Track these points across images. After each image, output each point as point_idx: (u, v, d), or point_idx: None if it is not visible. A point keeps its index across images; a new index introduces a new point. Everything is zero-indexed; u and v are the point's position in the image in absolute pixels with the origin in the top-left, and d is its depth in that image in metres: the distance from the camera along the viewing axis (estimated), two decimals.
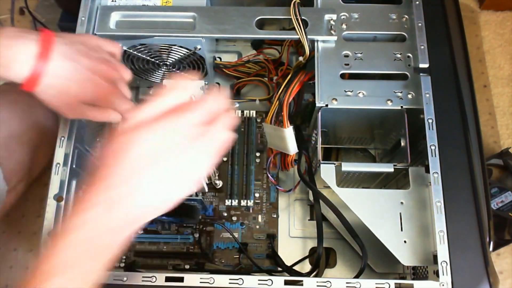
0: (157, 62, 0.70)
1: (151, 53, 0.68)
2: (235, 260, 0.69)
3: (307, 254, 0.70)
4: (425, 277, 0.59)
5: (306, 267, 0.69)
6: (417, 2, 0.64)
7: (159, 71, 0.74)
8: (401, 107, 0.60)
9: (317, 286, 0.52)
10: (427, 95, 0.59)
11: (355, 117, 0.63)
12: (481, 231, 0.53)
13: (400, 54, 0.63)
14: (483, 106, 0.91)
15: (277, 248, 0.70)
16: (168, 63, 0.70)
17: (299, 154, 0.66)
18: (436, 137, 0.57)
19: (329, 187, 0.58)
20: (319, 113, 0.60)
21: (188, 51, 0.67)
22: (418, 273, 0.64)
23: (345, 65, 0.62)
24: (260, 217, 0.71)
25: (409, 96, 0.60)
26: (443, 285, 0.51)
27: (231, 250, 0.70)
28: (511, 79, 0.93)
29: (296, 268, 0.66)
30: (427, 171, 0.56)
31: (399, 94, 0.61)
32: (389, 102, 0.60)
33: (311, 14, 0.64)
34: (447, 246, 0.52)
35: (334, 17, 0.64)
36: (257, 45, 0.82)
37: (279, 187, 0.71)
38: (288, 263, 0.67)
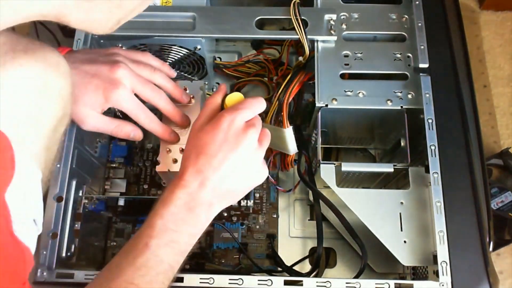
0: None
1: (151, 53, 0.68)
2: (235, 260, 0.69)
3: (307, 254, 0.70)
4: (425, 277, 0.59)
5: (306, 267, 0.69)
6: (417, 2, 0.64)
7: None
8: (401, 107, 0.60)
9: (317, 286, 0.52)
10: (427, 95, 0.59)
11: (355, 117, 0.63)
12: (481, 231, 0.53)
13: (400, 54, 0.63)
14: (483, 106, 0.91)
15: (277, 248, 0.70)
16: (168, 63, 0.70)
17: (299, 154, 0.66)
18: (436, 137, 0.57)
19: (329, 187, 0.58)
20: (319, 113, 0.60)
21: (188, 51, 0.67)
22: (418, 273, 0.64)
23: (345, 65, 0.62)
24: (260, 217, 0.71)
25: (409, 96, 0.60)
26: (443, 285, 0.51)
27: (231, 250, 0.70)
28: (511, 79, 0.93)
29: (296, 268, 0.66)
30: (427, 171, 0.56)
31: (399, 94, 0.61)
32: (389, 102, 0.60)
33: (311, 14, 0.64)
34: (447, 246, 0.52)
35: (334, 17, 0.64)
36: (257, 45, 0.82)
37: (279, 187, 0.71)
38: (288, 263, 0.67)
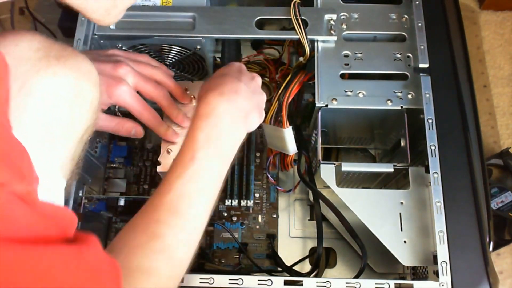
0: None
1: (151, 53, 0.68)
2: (235, 260, 0.69)
3: (307, 254, 0.70)
4: (425, 277, 0.59)
5: (306, 267, 0.69)
6: (417, 2, 0.64)
7: None
8: (401, 107, 0.60)
9: (317, 286, 0.52)
10: (427, 95, 0.59)
11: (355, 117, 0.63)
12: (481, 231, 0.53)
13: (400, 54, 0.63)
14: (483, 106, 0.91)
15: (277, 248, 0.70)
16: (168, 63, 0.70)
17: (299, 154, 0.66)
18: (436, 137, 0.57)
19: (329, 187, 0.58)
20: (319, 113, 0.60)
21: (188, 51, 0.67)
22: (418, 273, 0.64)
23: (345, 65, 0.62)
24: (260, 217, 0.71)
25: (409, 96, 0.60)
26: (442, 285, 0.51)
27: (231, 250, 0.70)
28: (511, 79, 0.93)
29: (296, 268, 0.66)
30: (427, 171, 0.56)
31: (399, 94, 0.61)
32: (389, 102, 0.60)
33: (311, 14, 0.64)
34: (447, 246, 0.52)
35: (334, 17, 0.64)
36: (257, 45, 0.82)
37: (279, 187, 0.71)
38: (288, 263, 0.67)
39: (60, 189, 0.41)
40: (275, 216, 0.72)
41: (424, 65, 0.61)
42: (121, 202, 0.70)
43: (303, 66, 0.64)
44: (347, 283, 0.52)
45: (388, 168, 0.59)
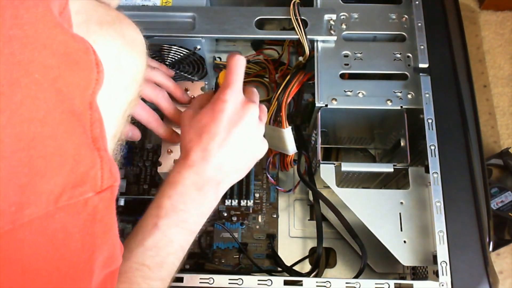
0: None
1: (151, 53, 0.68)
2: (235, 260, 0.69)
3: (307, 254, 0.70)
4: (424, 277, 0.59)
5: (306, 267, 0.69)
6: (417, 2, 0.64)
7: None
8: (401, 107, 0.60)
9: (317, 286, 0.52)
10: (427, 95, 0.59)
11: (355, 117, 0.63)
12: (481, 231, 0.53)
13: (400, 54, 0.63)
14: (483, 106, 0.91)
15: (277, 248, 0.70)
16: (167, 63, 0.70)
17: (298, 154, 0.66)
18: (436, 137, 0.57)
19: (329, 187, 0.58)
20: (319, 113, 0.60)
21: (188, 51, 0.67)
22: (417, 273, 0.64)
23: (345, 65, 0.62)
24: (260, 217, 0.71)
25: (409, 96, 0.60)
26: (442, 285, 0.51)
27: (231, 250, 0.70)
28: (511, 79, 0.93)
29: (296, 268, 0.66)
30: (427, 171, 0.56)
31: (399, 94, 0.61)
32: (389, 102, 0.60)
33: (310, 14, 0.64)
34: (447, 246, 0.52)
35: (334, 17, 0.64)
36: (257, 45, 0.82)
37: (278, 188, 0.71)
38: (288, 263, 0.67)
39: None
40: (275, 216, 0.72)
41: (424, 65, 0.61)
42: (121, 202, 0.70)
43: (303, 66, 0.64)
44: (347, 283, 0.52)
45: (388, 168, 0.59)
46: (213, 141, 0.46)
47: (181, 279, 0.52)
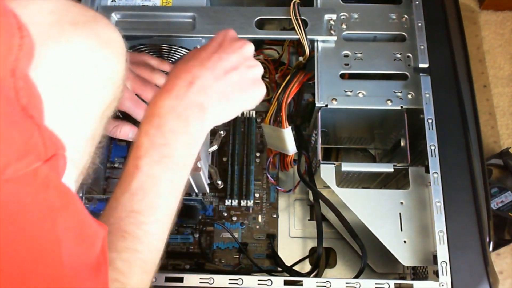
0: None
1: (151, 53, 0.68)
2: (235, 260, 0.69)
3: (307, 254, 0.70)
4: (425, 277, 0.59)
5: (306, 267, 0.69)
6: (417, 2, 0.64)
7: None
8: (401, 107, 0.60)
9: (317, 286, 0.52)
10: (427, 95, 0.59)
11: (355, 117, 0.63)
12: (481, 231, 0.53)
13: (400, 54, 0.63)
14: (483, 106, 0.91)
15: (277, 248, 0.70)
16: None
17: (299, 154, 0.66)
18: (436, 137, 0.57)
19: (329, 187, 0.58)
20: (319, 113, 0.60)
21: (188, 51, 0.67)
22: (418, 273, 0.64)
23: (345, 65, 0.62)
24: (260, 217, 0.71)
25: (409, 96, 0.60)
26: (442, 285, 0.51)
27: (231, 250, 0.70)
28: (511, 79, 0.93)
29: (296, 268, 0.66)
30: (427, 171, 0.56)
31: (399, 94, 0.61)
32: (389, 102, 0.60)
33: (311, 14, 0.64)
34: (447, 246, 0.52)
35: (334, 17, 0.64)
36: (257, 45, 0.82)
37: (278, 188, 0.71)
38: (288, 263, 0.67)
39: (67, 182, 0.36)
40: (275, 216, 0.72)
41: (424, 65, 0.61)
42: None
43: (303, 66, 0.64)
44: (347, 283, 0.52)
45: (388, 168, 0.59)
46: (200, 63, 0.42)
47: (181, 279, 0.52)
